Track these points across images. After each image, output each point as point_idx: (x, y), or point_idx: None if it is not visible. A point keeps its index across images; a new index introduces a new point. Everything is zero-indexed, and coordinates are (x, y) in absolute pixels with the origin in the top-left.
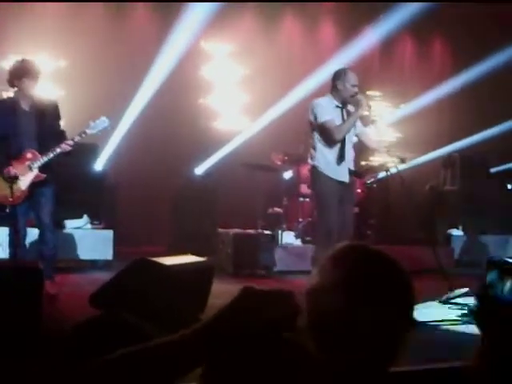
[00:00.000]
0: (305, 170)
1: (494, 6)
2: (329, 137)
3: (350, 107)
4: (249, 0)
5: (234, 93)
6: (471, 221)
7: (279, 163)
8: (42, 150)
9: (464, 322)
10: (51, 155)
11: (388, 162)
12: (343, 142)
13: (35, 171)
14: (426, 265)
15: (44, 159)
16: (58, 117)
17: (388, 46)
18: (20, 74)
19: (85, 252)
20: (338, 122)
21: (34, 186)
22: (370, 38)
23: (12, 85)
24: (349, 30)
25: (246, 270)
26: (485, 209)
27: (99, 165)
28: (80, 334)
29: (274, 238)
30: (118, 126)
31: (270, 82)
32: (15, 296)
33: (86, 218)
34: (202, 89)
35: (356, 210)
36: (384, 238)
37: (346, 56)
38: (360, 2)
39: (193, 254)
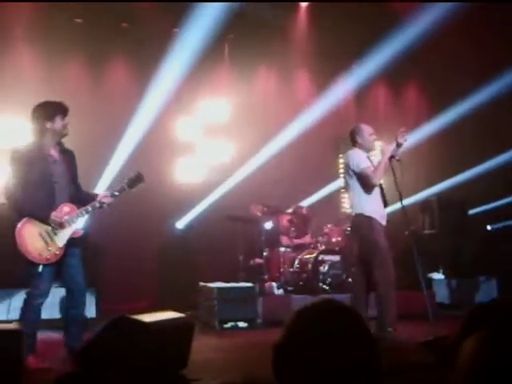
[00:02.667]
0: (284, 221)
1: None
2: (367, 182)
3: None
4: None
5: (212, 146)
6: (451, 264)
7: (259, 214)
8: (75, 203)
9: None
10: (90, 210)
11: None
12: (381, 188)
13: (74, 226)
14: (408, 309)
15: (83, 214)
16: (76, 167)
17: (362, 94)
18: (52, 113)
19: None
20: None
21: (69, 243)
22: (344, 87)
23: (42, 129)
24: (323, 80)
25: (230, 322)
26: (465, 251)
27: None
28: None
29: (255, 290)
30: (97, 184)
31: (247, 134)
32: None
33: None
34: (180, 143)
35: (337, 258)
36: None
37: (321, 105)
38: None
39: (175, 309)
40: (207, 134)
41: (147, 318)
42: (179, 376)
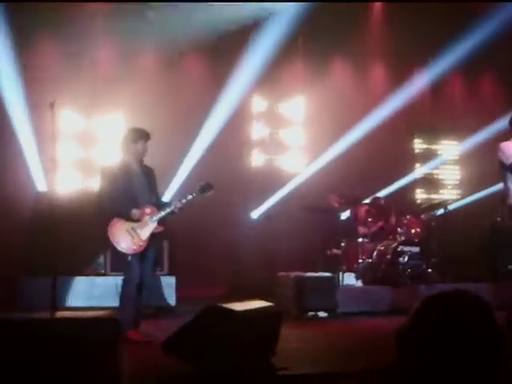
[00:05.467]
0: (362, 211)
1: None
2: None
3: None
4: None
5: (289, 136)
6: None
7: (336, 205)
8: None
9: None
10: (168, 211)
11: (448, 199)
12: None
13: (155, 223)
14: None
15: (162, 214)
16: (156, 181)
17: (438, 85)
18: (136, 138)
19: (149, 298)
20: None
21: (152, 237)
22: (420, 78)
23: (127, 149)
24: (399, 72)
25: (309, 312)
26: None
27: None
28: None
29: (335, 280)
30: (174, 177)
31: (324, 126)
32: (93, 349)
33: None
34: (256, 136)
35: (417, 249)
36: (445, 275)
37: (396, 97)
38: None
39: (250, 298)
40: (283, 127)
41: (237, 306)
42: (268, 364)
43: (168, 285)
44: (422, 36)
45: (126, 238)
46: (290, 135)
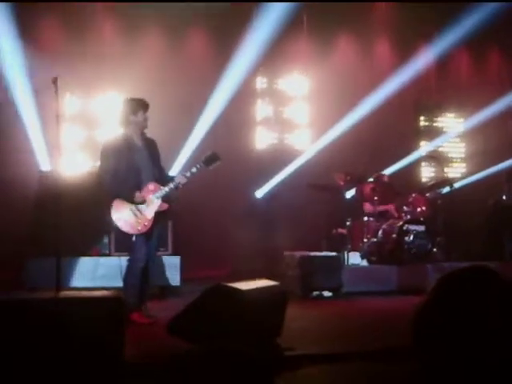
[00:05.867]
0: (367, 189)
1: None
2: None
3: None
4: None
5: (294, 114)
6: None
7: (342, 183)
8: (159, 183)
9: None
10: (172, 186)
11: (453, 177)
12: None
13: (159, 201)
14: None
15: (166, 190)
16: (159, 153)
17: (443, 62)
18: (135, 109)
19: (153, 278)
20: None
21: (157, 216)
22: (425, 54)
23: (127, 122)
24: (404, 48)
25: (314, 292)
26: None
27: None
28: (181, 366)
29: (340, 260)
30: (178, 156)
31: (328, 103)
32: (96, 327)
33: None
34: (259, 114)
35: (422, 228)
36: (451, 254)
37: (401, 73)
38: None
39: (255, 277)
40: (288, 104)
41: (243, 286)
42: (274, 344)
43: (172, 265)
44: (427, 12)
45: (130, 219)
46: (294, 113)
